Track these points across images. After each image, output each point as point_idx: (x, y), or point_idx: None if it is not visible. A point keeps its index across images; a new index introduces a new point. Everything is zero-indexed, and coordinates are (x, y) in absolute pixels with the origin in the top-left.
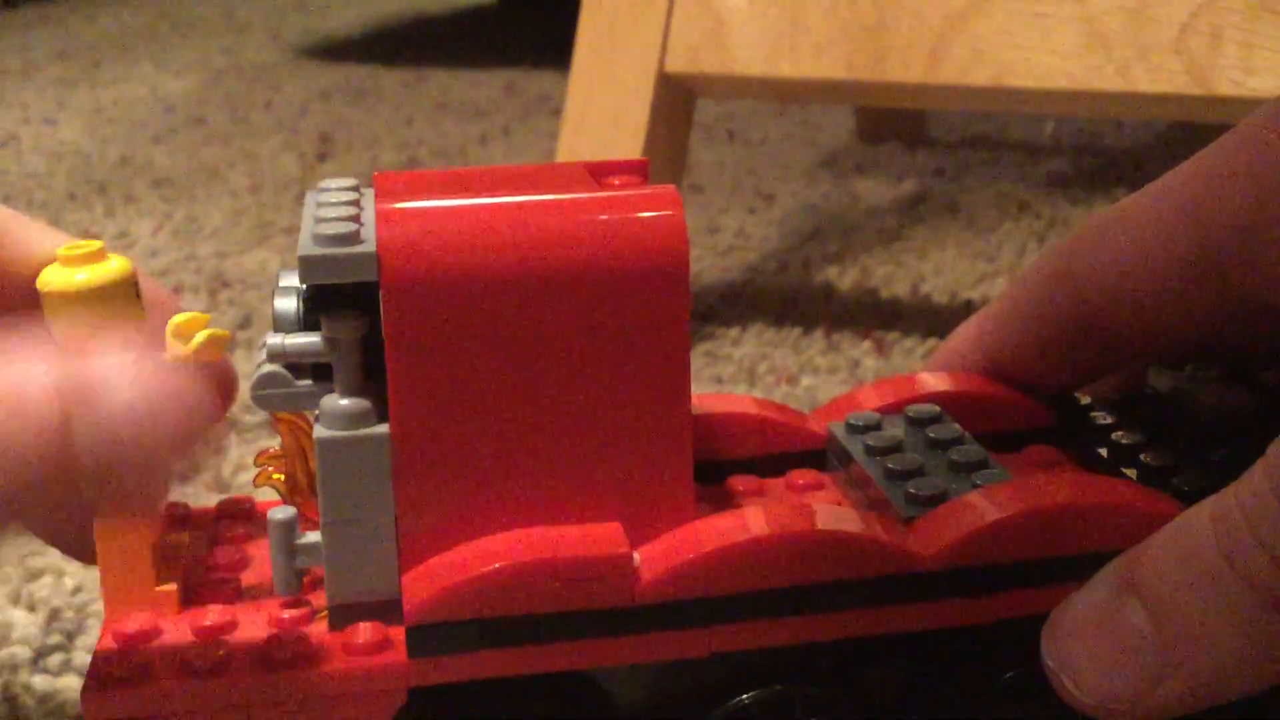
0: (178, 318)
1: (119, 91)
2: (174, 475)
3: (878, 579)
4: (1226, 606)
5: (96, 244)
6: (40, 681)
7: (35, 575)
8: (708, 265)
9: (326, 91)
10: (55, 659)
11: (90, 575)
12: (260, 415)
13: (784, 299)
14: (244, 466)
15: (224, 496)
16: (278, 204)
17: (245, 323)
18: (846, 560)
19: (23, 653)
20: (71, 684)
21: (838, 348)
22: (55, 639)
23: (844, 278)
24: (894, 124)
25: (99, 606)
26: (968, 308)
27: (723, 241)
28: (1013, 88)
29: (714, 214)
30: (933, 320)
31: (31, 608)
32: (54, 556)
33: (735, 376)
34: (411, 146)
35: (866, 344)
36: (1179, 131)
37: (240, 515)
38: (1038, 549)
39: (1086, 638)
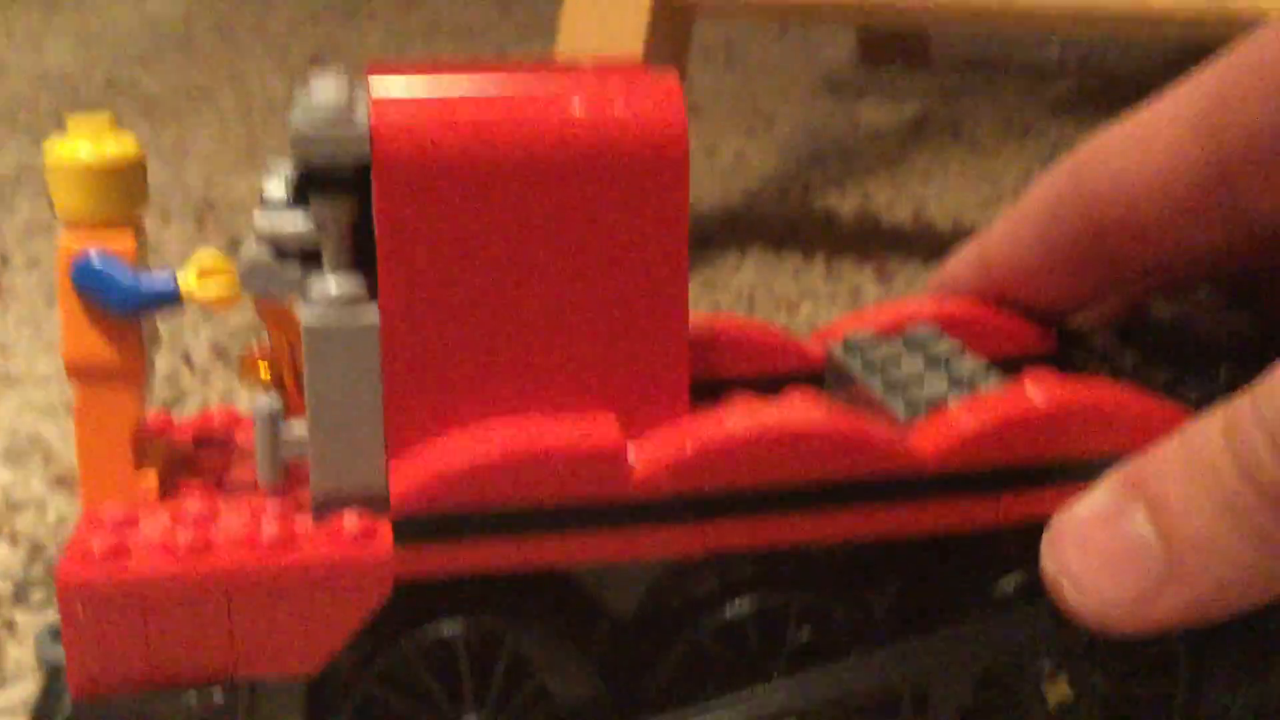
0: (203, 254)
1: (105, 14)
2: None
3: (879, 478)
4: (1236, 515)
5: (107, 118)
6: (22, 616)
7: (17, 508)
8: (707, 189)
9: (316, 12)
10: (37, 593)
11: (74, 509)
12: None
13: (784, 225)
14: (232, 396)
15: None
16: (267, 127)
17: (233, 248)
18: (847, 457)
19: (4, 587)
20: (54, 618)
21: (838, 274)
22: (37, 573)
23: (845, 203)
24: (896, 46)
25: None
26: (971, 233)
27: (721, 166)
28: (1019, 6)
29: (712, 138)
30: (935, 246)
31: (13, 541)
32: (36, 488)
33: (734, 303)
34: None
35: (868, 270)
36: (1187, 53)
37: (226, 421)
38: (1042, 451)
39: (1088, 544)
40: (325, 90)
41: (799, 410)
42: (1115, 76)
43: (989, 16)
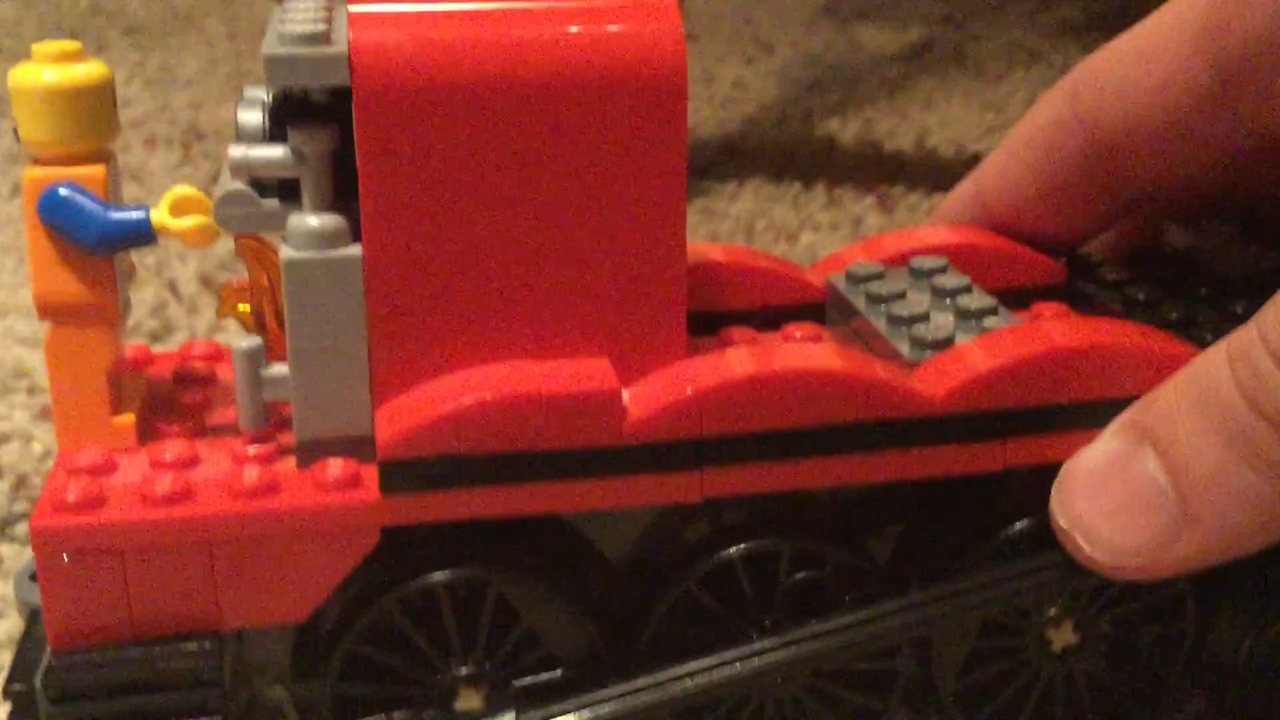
0: (178, 190)
1: None
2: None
3: (882, 422)
4: (1248, 450)
5: (74, 45)
6: (6, 550)
7: (2, 440)
8: (704, 117)
9: None
10: (22, 527)
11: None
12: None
13: (783, 153)
14: (220, 328)
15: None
16: (255, 53)
17: (219, 177)
18: (849, 401)
19: None
20: None
21: (839, 203)
22: (22, 506)
23: (846, 130)
24: None
25: None
26: (975, 161)
27: (720, 93)
28: None
29: (710, 64)
30: (938, 174)
31: None
32: (21, 421)
33: (732, 233)
34: None
35: (869, 199)
36: None
37: (203, 358)
38: (1050, 393)
39: (1099, 492)
40: (300, 12)
41: (800, 354)
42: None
43: None
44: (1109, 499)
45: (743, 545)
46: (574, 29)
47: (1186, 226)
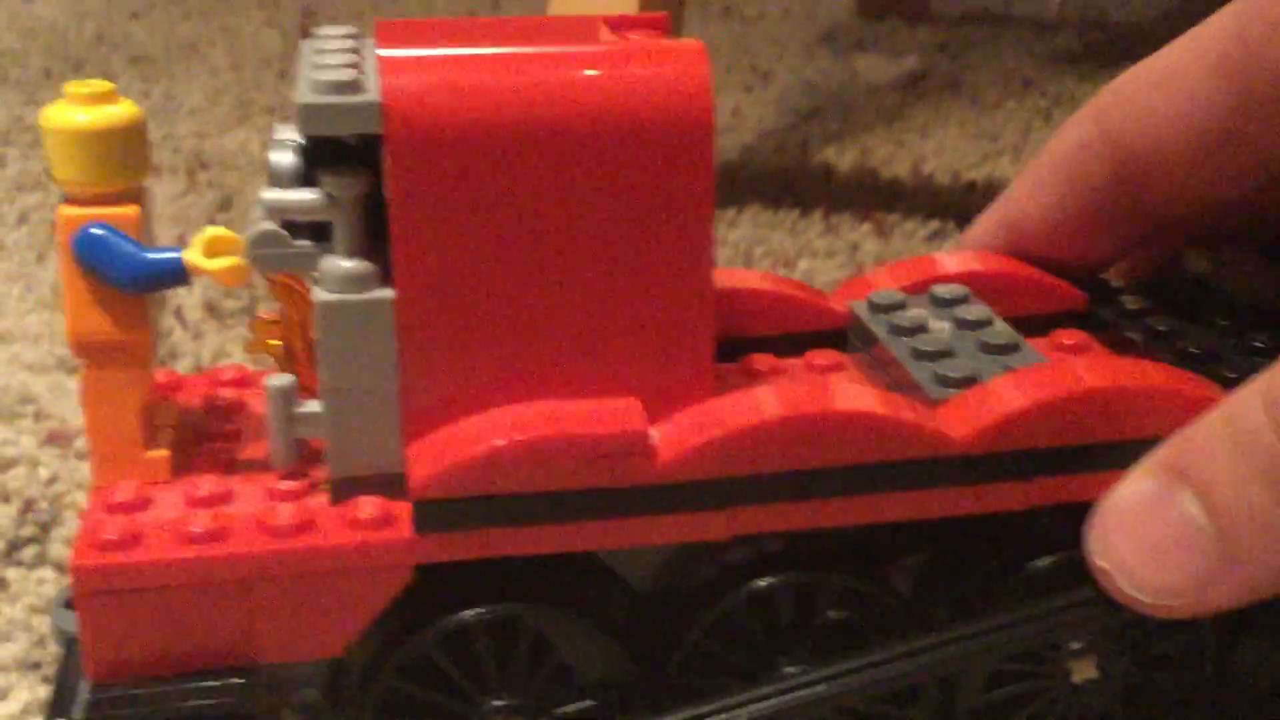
0: (210, 230)
1: None
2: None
3: (907, 462)
4: None
5: (107, 85)
6: (14, 574)
7: (8, 465)
8: None
9: None
10: (29, 551)
11: (66, 467)
12: (238, 301)
13: (781, 180)
14: (224, 354)
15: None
16: (259, 82)
17: (225, 205)
18: (876, 442)
19: None
20: (46, 576)
21: (836, 230)
22: (29, 531)
23: (843, 158)
24: None
25: (75, 498)
26: (970, 189)
27: (718, 121)
28: None
29: None
30: (934, 201)
31: (5, 499)
32: (27, 446)
33: (731, 260)
34: None
35: (866, 226)
36: (1187, 5)
37: (232, 384)
38: (1075, 434)
39: (1137, 533)
40: (331, 55)
41: (827, 395)
42: (1116, 29)
43: None
44: (1147, 539)
45: (765, 578)
46: (603, 73)
47: (1206, 253)
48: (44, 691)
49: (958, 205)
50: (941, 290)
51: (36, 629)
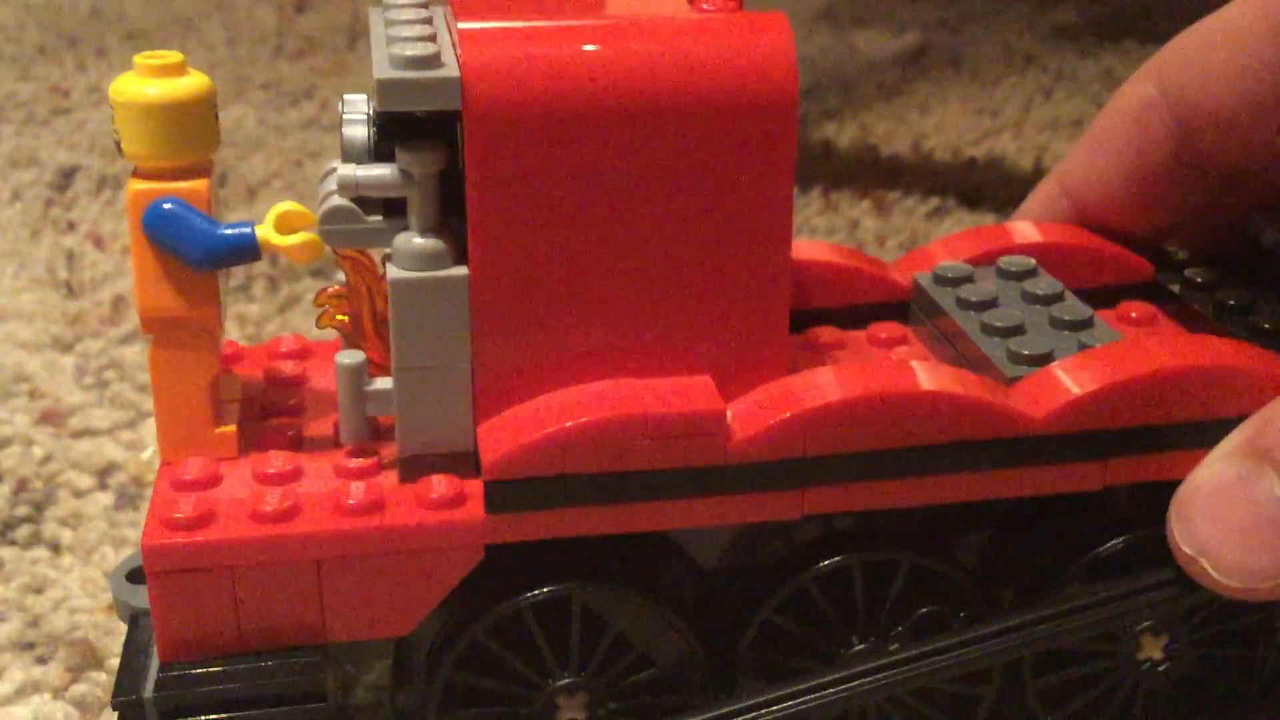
0: (283, 206)
1: None
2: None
3: (983, 442)
4: None
5: (176, 56)
6: (9, 554)
7: (2, 444)
8: None
9: None
10: (23, 530)
11: (60, 446)
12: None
13: None
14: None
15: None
16: (254, 58)
17: (221, 181)
18: (952, 422)
19: None
20: (41, 555)
21: (836, 207)
22: (23, 510)
23: (842, 135)
24: None
25: (69, 476)
26: (971, 165)
27: None
28: None
29: None
30: (934, 178)
31: None
32: (22, 425)
33: None
34: None
35: (866, 203)
36: None
37: (292, 355)
38: (1152, 414)
39: (1222, 517)
40: (406, 27)
41: (901, 375)
42: (1118, 3)
43: None
44: (1234, 523)
45: (840, 559)
46: (687, 46)
47: (1274, 221)
48: (38, 672)
49: (958, 182)
50: (1009, 263)
51: (31, 609)
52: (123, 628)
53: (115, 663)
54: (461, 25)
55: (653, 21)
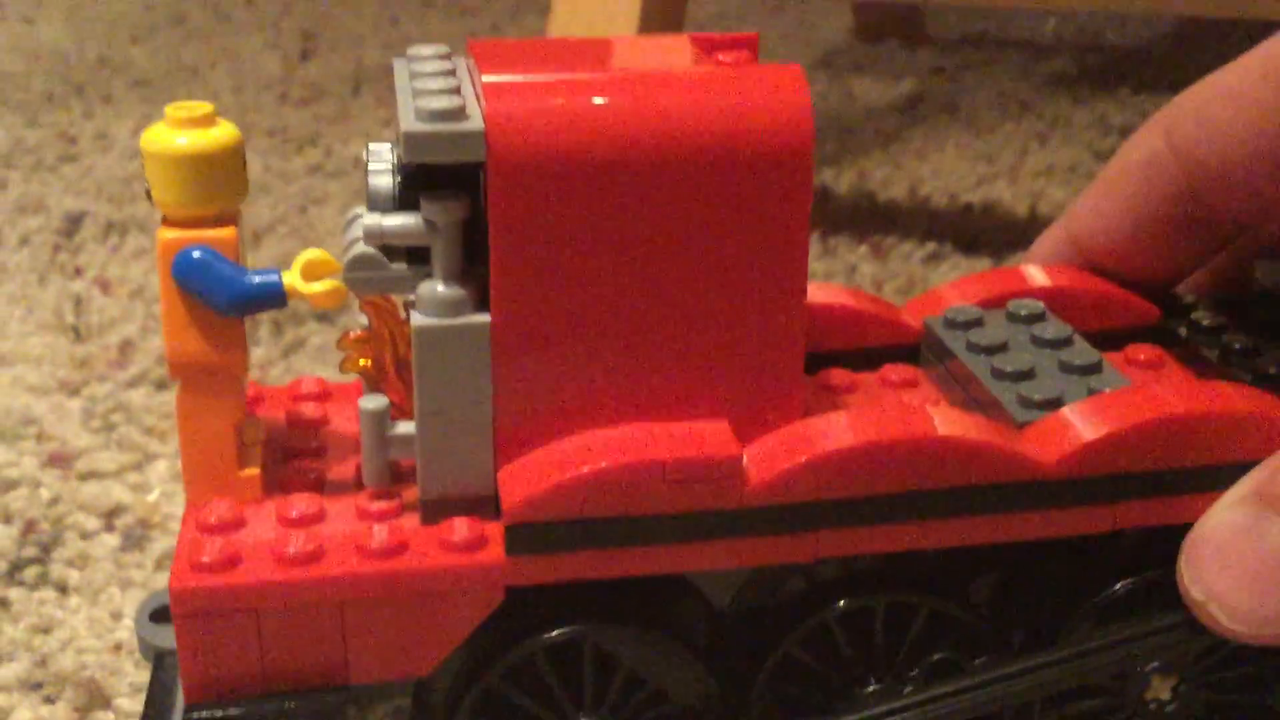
0: (309, 254)
1: None
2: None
3: (995, 486)
4: None
5: (206, 107)
6: (16, 594)
7: (10, 486)
8: None
9: None
10: (31, 571)
11: (67, 488)
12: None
13: None
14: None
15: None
16: (259, 104)
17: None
18: (965, 467)
19: None
20: (48, 596)
21: (834, 252)
22: (31, 551)
23: (840, 180)
24: (892, 22)
25: (76, 518)
26: (967, 211)
27: None
28: None
29: None
30: (931, 223)
31: (7, 519)
32: (29, 467)
33: None
34: (397, 45)
35: (863, 248)
36: (1184, 28)
37: (313, 398)
38: (1162, 459)
39: (1231, 563)
40: (430, 79)
41: (917, 419)
42: (1112, 52)
43: None
44: (1242, 569)
45: (854, 600)
46: (705, 99)
47: (1276, 263)
48: (46, 711)
49: (955, 227)
50: (1018, 306)
51: (38, 649)
52: (129, 668)
53: (122, 702)
54: (486, 78)
55: (671, 74)
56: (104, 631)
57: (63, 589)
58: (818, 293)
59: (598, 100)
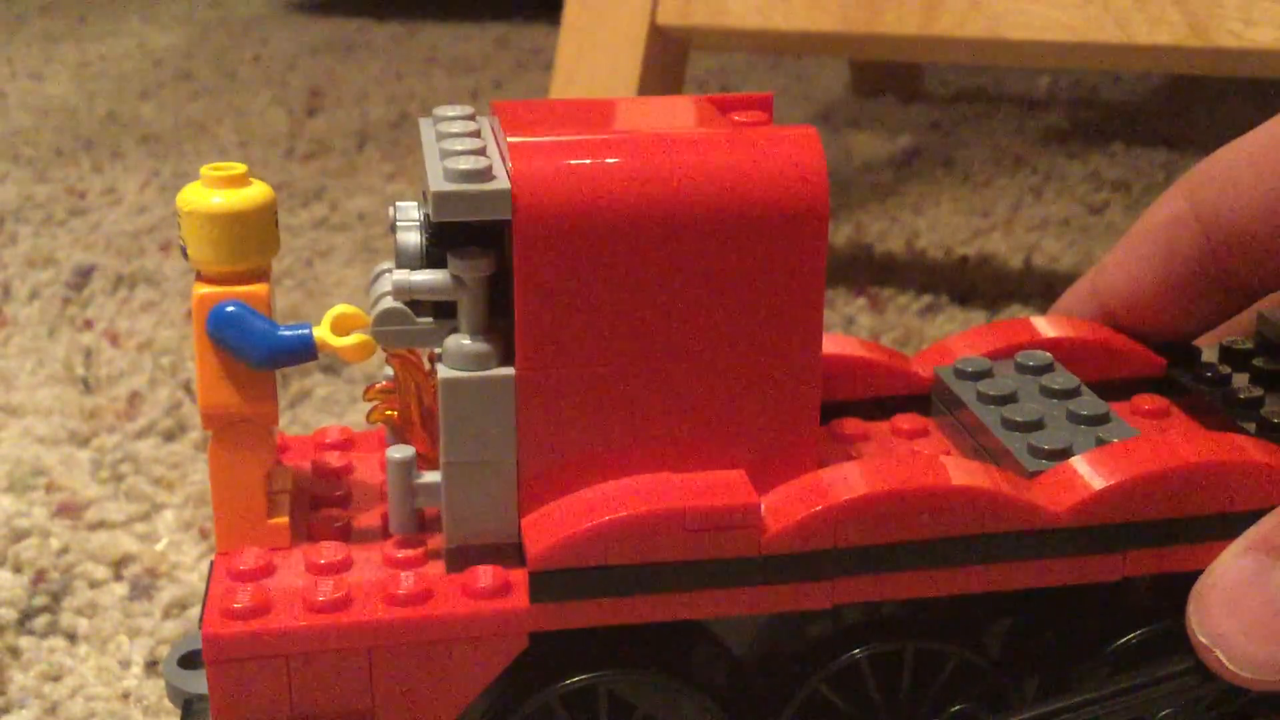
0: (339, 309)
1: (106, 46)
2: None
3: (1007, 535)
4: None
5: (240, 167)
6: (26, 643)
7: (21, 536)
8: None
9: (315, 45)
10: (41, 620)
11: (77, 538)
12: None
13: None
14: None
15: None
16: (266, 160)
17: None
18: (977, 516)
19: (9, 614)
20: (58, 645)
21: (831, 304)
22: (41, 600)
23: (838, 233)
24: (889, 77)
25: (85, 568)
26: (963, 263)
27: None
28: (1009, 39)
29: None
30: (927, 276)
31: (17, 569)
32: (40, 518)
33: None
34: (401, 101)
35: (861, 300)
36: (1177, 84)
37: (337, 446)
38: (1170, 508)
39: (1238, 610)
40: (457, 140)
41: (928, 469)
42: (1106, 107)
43: (979, 49)
44: (1248, 616)
45: (872, 647)
46: (723, 160)
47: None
48: None
49: (950, 279)
50: (1027, 357)
51: (48, 696)
52: (137, 715)
53: None
54: (511, 139)
55: (690, 135)
56: (112, 679)
57: (72, 637)
58: (830, 343)
59: (618, 160)
